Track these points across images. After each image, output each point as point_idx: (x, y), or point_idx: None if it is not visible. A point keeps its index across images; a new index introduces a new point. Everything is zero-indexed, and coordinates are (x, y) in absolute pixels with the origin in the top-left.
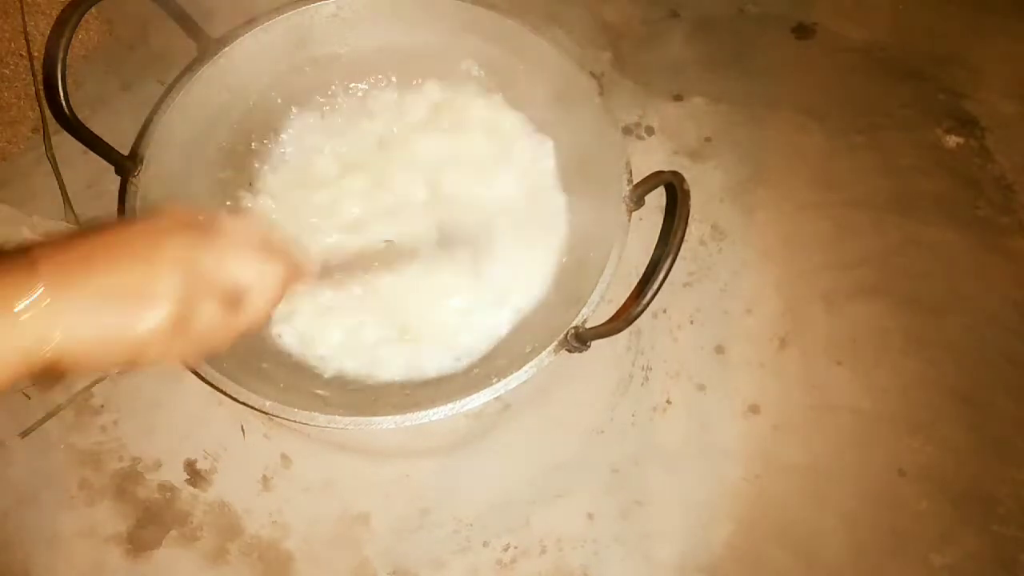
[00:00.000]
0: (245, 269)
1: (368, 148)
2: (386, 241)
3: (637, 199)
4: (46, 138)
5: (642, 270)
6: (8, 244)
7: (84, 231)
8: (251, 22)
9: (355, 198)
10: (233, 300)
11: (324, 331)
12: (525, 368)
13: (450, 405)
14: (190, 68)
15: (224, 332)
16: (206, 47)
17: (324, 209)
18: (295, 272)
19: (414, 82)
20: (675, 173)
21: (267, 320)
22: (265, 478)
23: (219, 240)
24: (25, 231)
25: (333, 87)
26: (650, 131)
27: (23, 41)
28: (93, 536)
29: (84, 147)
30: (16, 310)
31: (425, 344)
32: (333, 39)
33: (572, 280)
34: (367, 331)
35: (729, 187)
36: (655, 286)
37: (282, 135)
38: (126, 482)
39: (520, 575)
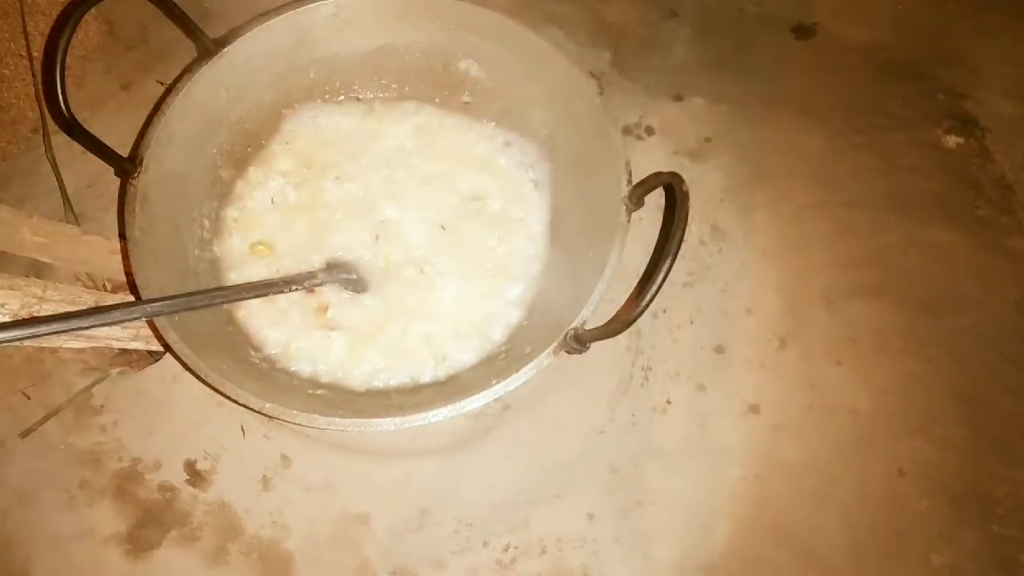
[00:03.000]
0: None
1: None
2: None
3: (637, 200)
4: (46, 138)
5: (642, 270)
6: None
7: None
8: (251, 22)
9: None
10: None
11: (326, 346)
12: (525, 369)
13: (450, 406)
14: (190, 69)
15: None
16: (206, 47)
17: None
18: None
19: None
20: (674, 174)
21: None
22: (265, 478)
23: None
24: (25, 231)
25: (332, 88)
26: (650, 131)
27: (23, 41)
28: (93, 536)
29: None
30: None
31: (423, 347)
32: (333, 39)
33: (571, 281)
34: (368, 335)
35: (729, 187)
36: (655, 287)
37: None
38: (126, 482)
39: (520, 575)
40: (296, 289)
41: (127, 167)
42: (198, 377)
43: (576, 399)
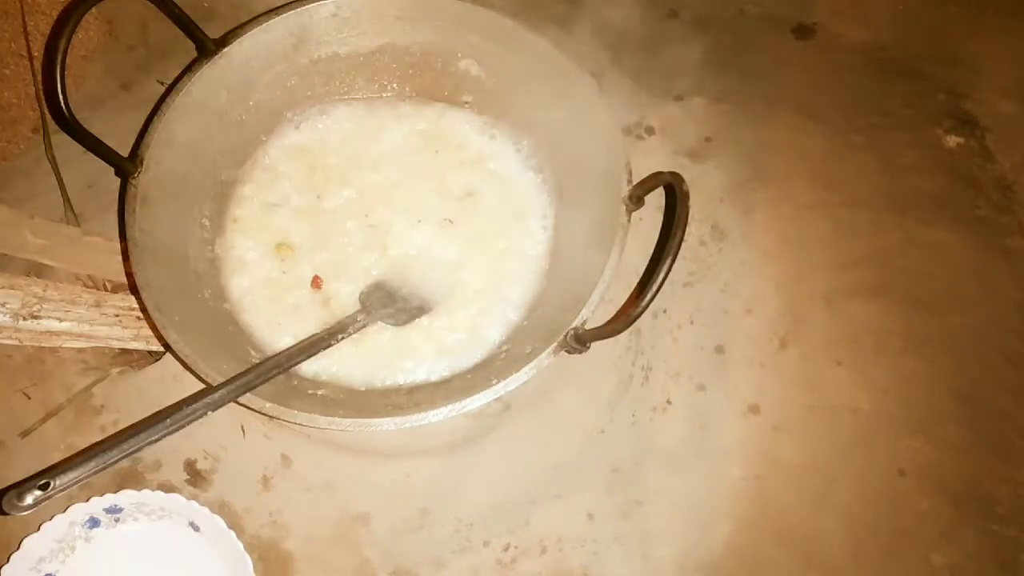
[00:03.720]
0: None
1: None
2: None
3: (637, 199)
4: (46, 138)
5: (642, 270)
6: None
7: None
8: (251, 22)
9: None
10: None
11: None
12: (525, 369)
13: (450, 406)
14: (190, 68)
15: None
16: (206, 47)
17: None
18: None
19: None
20: (674, 174)
21: None
22: (265, 478)
23: None
24: (27, 234)
25: (332, 88)
26: (650, 131)
27: (23, 41)
28: None
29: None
30: None
31: (424, 346)
32: (333, 39)
33: (571, 281)
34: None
35: (729, 187)
36: (655, 287)
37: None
38: (127, 482)
39: (520, 575)
40: (343, 338)
41: (127, 167)
42: (198, 377)
43: (576, 399)
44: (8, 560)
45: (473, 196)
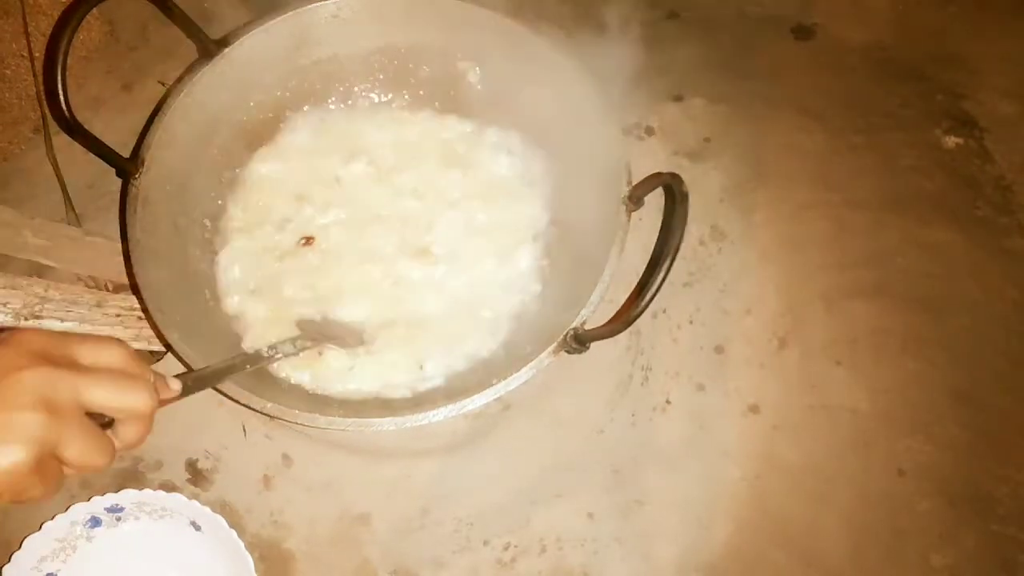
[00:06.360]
0: (109, 398)
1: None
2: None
3: (636, 200)
4: (47, 139)
5: (642, 271)
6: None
7: None
8: (251, 23)
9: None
10: (99, 428)
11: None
12: (525, 369)
13: (450, 406)
14: (191, 69)
15: (94, 461)
16: (207, 48)
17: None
18: (157, 396)
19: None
20: (674, 175)
21: (140, 444)
22: (266, 478)
23: (77, 369)
24: (28, 234)
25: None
26: (650, 131)
27: (24, 41)
28: None
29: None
30: None
31: (424, 347)
32: (333, 40)
33: (571, 281)
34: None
35: (729, 187)
36: (654, 287)
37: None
38: (127, 482)
39: (520, 575)
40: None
41: (128, 167)
42: None
43: (576, 399)
44: (9, 559)
45: (473, 196)
